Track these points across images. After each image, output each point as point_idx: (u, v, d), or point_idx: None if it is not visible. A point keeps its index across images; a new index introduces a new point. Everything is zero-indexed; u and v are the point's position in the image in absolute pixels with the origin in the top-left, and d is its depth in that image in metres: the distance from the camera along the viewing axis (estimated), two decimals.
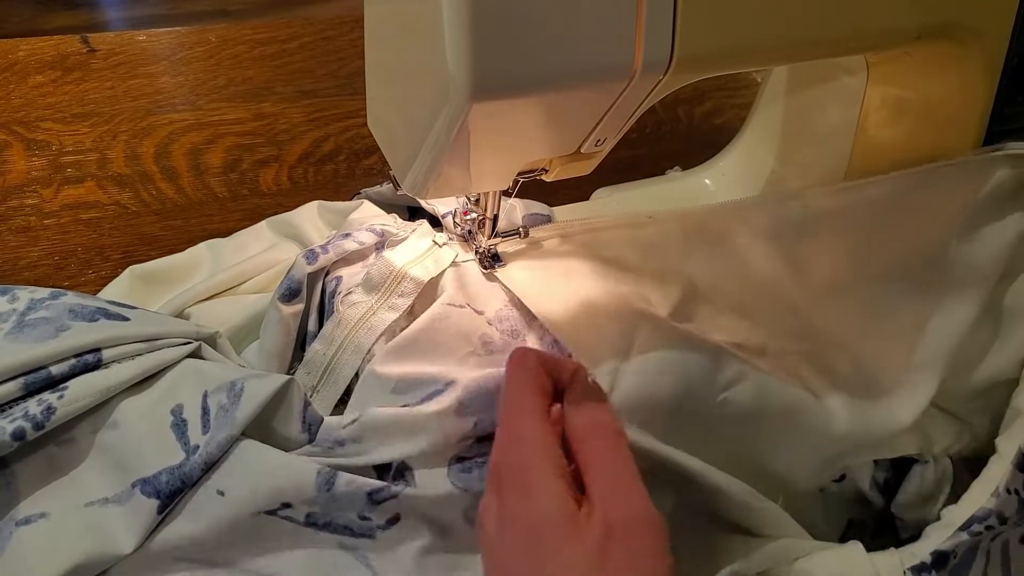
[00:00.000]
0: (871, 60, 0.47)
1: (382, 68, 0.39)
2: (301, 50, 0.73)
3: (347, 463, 0.37)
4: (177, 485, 0.36)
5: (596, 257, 0.46)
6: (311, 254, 0.45)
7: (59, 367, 0.36)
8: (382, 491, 0.36)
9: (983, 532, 0.39)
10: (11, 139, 0.60)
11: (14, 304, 0.40)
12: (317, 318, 0.46)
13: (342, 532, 0.37)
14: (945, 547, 0.39)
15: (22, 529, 0.35)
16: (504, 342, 0.43)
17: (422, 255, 0.46)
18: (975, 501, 0.41)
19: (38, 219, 0.56)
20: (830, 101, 0.51)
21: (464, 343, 0.42)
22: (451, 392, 0.39)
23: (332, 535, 0.37)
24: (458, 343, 0.42)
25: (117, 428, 0.37)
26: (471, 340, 0.42)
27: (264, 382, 0.38)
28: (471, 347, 0.42)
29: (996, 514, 0.40)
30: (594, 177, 0.43)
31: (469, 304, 0.44)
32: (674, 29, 0.33)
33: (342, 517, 0.36)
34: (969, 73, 0.45)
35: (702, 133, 0.73)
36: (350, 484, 0.35)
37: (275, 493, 0.36)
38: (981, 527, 0.40)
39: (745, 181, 0.58)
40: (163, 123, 0.64)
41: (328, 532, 0.37)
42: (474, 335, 0.42)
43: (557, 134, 0.38)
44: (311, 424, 0.39)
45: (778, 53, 0.40)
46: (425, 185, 0.38)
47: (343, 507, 0.36)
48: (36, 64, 0.66)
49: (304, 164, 0.64)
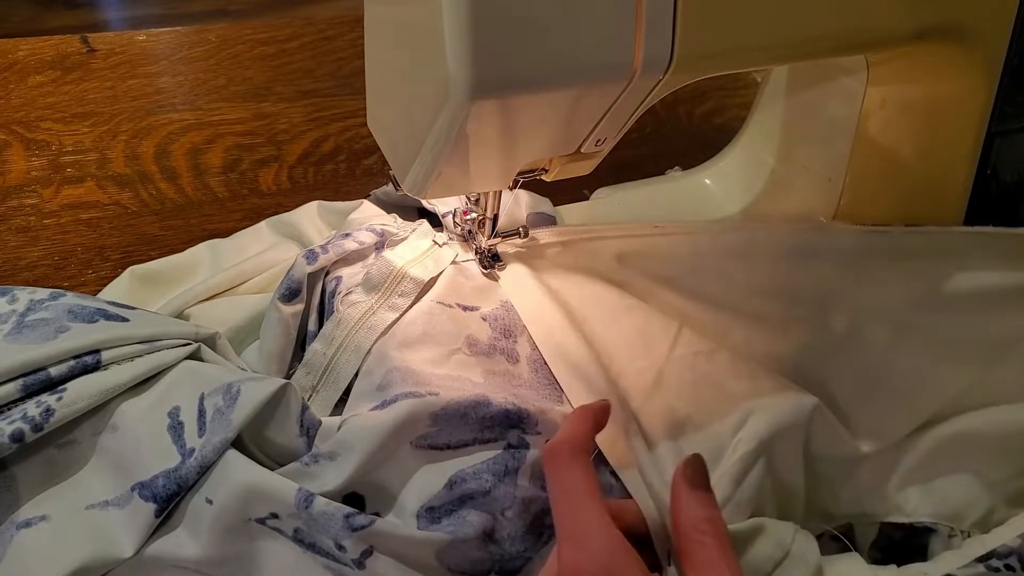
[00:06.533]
0: (871, 60, 0.47)
1: (382, 68, 0.39)
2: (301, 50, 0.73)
3: (319, 490, 0.36)
4: (173, 488, 0.36)
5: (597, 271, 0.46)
6: (311, 254, 0.45)
7: (58, 368, 0.36)
8: (358, 516, 0.35)
9: (1001, 570, 0.38)
10: (11, 139, 0.60)
11: (13, 305, 0.40)
12: (317, 318, 0.46)
13: (326, 556, 0.36)
14: (959, 575, 0.38)
15: (23, 532, 0.35)
16: (490, 344, 0.43)
17: (422, 255, 0.46)
18: (1001, 537, 0.40)
19: (38, 219, 0.56)
20: (830, 101, 0.51)
21: (451, 341, 0.42)
22: (429, 400, 0.38)
23: (320, 558, 0.36)
24: (445, 340, 0.42)
25: (117, 430, 0.37)
26: (457, 339, 0.42)
27: (261, 385, 0.37)
28: (457, 345, 0.42)
29: (1017, 555, 0.38)
30: (594, 177, 0.43)
31: (459, 303, 0.44)
32: (674, 29, 0.33)
33: (323, 542, 0.36)
34: (969, 73, 0.45)
35: (702, 133, 0.73)
36: (328, 505, 0.35)
37: (261, 502, 0.36)
38: (1000, 564, 0.38)
39: (745, 181, 0.58)
40: (163, 123, 0.64)
41: (314, 553, 0.36)
42: (460, 335, 0.42)
43: (557, 134, 0.38)
44: (309, 428, 0.39)
45: (778, 53, 0.40)
46: (425, 185, 0.38)
47: (321, 528, 0.35)
48: (36, 64, 0.66)
49: (304, 164, 0.64)
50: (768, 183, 0.57)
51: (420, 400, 0.37)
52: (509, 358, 0.42)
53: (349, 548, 0.35)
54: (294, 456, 0.38)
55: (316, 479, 0.37)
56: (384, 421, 0.37)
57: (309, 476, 0.37)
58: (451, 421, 0.38)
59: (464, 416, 0.38)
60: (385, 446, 0.37)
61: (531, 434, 0.39)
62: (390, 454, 0.37)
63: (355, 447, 0.37)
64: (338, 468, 0.36)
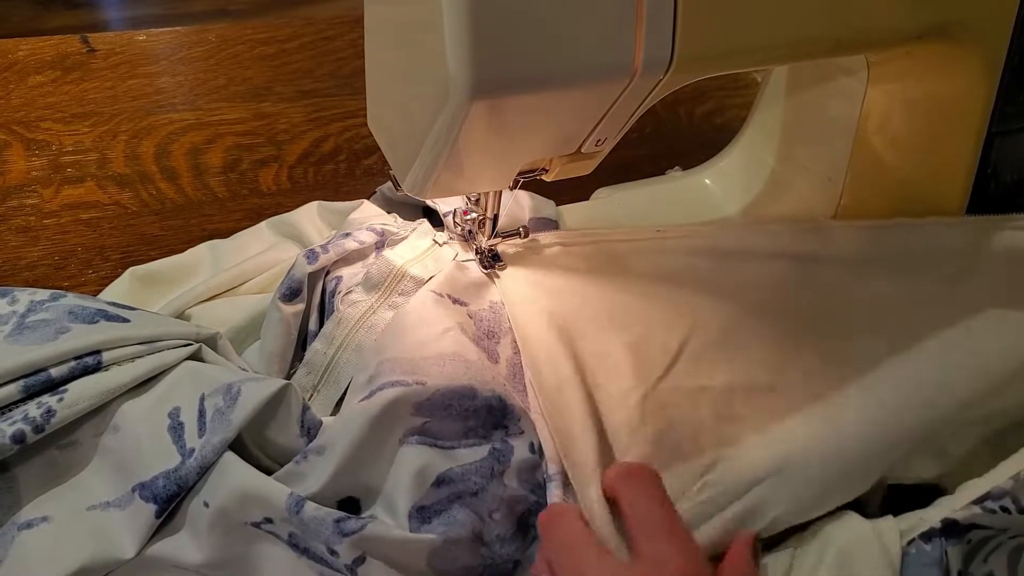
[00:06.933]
0: (871, 60, 0.47)
1: (382, 68, 0.39)
2: (301, 50, 0.73)
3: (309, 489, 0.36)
4: (173, 489, 0.36)
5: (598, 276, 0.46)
6: (311, 254, 0.45)
7: (59, 369, 0.36)
8: (349, 521, 0.35)
9: (997, 511, 0.38)
10: (11, 139, 0.60)
11: (14, 306, 0.40)
12: (318, 318, 0.46)
13: (321, 562, 0.36)
14: (956, 516, 0.38)
15: (24, 533, 0.35)
16: (476, 337, 0.43)
17: (422, 254, 0.46)
18: (994, 479, 0.39)
19: (38, 219, 0.56)
20: (830, 101, 0.51)
21: (445, 320, 0.42)
22: (415, 390, 0.38)
23: (314, 563, 0.36)
24: (439, 320, 0.42)
25: (118, 431, 0.37)
26: (450, 320, 0.42)
27: (261, 385, 0.37)
28: (450, 324, 0.42)
29: (1012, 497, 0.38)
30: (594, 177, 0.43)
31: (450, 295, 0.44)
32: (674, 29, 0.33)
33: (316, 547, 0.36)
34: (970, 73, 0.45)
35: (702, 133, 0.73)
36: (318, 510, 0.35)
37: (255, 506, 0.36)
38: (996, 505, 0.38)
39: (745, 181, 0.58)
40: (163, 123, 0.64)
41: (308, 559, 0.36)
42: (453, 318, 0.42)
43: (557, 134, 0.37)
44: (310, 428, 0.39)
45: (778, 53, 0.40)
46: (425, 185, 0.38)
47: (313, 534, 0.35)
48: (36, 64, 0.66)
49: (304, 164, 0.63)
50: (768, 183, 0.57)
51: (405, 389, 0.37)
52: (490, 357, 0.43)
53: (342, 554, 0.35)
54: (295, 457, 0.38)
55: (306, 477, 0.37)
56: (367, 410, 0.37)
57: (300, 475, 0.37)
58: (434, 412, 0.38)
59: (448, 407, 0.38)
60: (369, 436, 0.37)
61: (514, 435, 0.39)
62: (378, 447, 0.37)
63: (339, 439, 0.37)
64: (324, 462, 0.36)
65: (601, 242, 0.47)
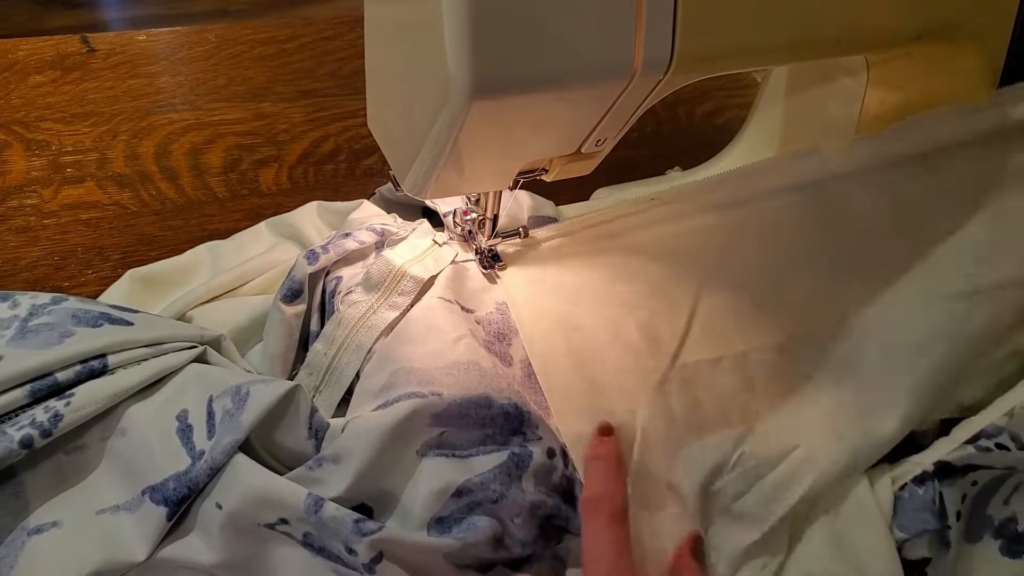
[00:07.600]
0: (871, 60, 0.47)
1: (382, 68, 0.39)
2: (301, 50, 0.73)
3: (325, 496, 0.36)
4: (184, 491, 0.36)
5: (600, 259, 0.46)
6: (312, 254, 0.45)
7: (65, 374, 0.36)
8: (368, 522, 0.35)
9: (992, 449, 0.37)
10: (11, 139, 0.60)
11: (15, 310, 0.40)
12: (319, 318, 0.46)
13: (336, 561, 0.36)
14: (950, 458, 0.37)
15: (35, 538, 0.35)
16: (485, 347, 0.42)
17: (422, 254, 0.46)
18: (987, 417, 0.39)
19: (38, 219, 0.56)
20: (830, 101, 0.51)
21: (457, 328, 0.42)
22: (431, 401, 0.38)
23: (329, 562, 0.36)
24: (452, 328, 0.42)
25: (125, 435, 0.37)
26: (462, 327, 0.42)
27: (270, 387, 0.37)
28: (463, 332, 0.42)
29: (1009, 432, 0.37)
30: (594, 177, 0.43)
31: (457, 300, 0.44)
32: (674, 29, 0.33)
33: (333, 546, 0.36)
34: (969, 73, 0.45)
35: (702, 133, 0.73)
36: (338, 510, 0.35)
37: (270, 508, 0.36)
38: (991, 443, 0.37)
39: None
40: (163, 123, 0.64)
41: (324, 558, 0.36)
42: (465, 325, 0.42)
43: (557, 134, 0.37)
44: (318, 430, 0.39)
45: (778, 53, 0.40)
46: (425, 185, 0.38)
47: (331, 533, 0.35)
48: (36, 64, 0.66)
49: (304, 164, 0.63)
50: None
51: (422, 400, 0.37)
52: (503, 360, 0.43)
53: (360, 553, 0.35)
54: (303, 460, 0.38)
55: (321, 483, 0.37)
56: (385, 421, 0.37)
57: (314, 481, 0.37)
58: (452, 421, 0.38)
59: (465, 416, 0.38)
60: (387, 447, 0.37)
61: (532, 440, 0.39)
62: (395, 457, 0.37)
63: (357, 449, 0.37)
64: (342, 471, 0.36)
65: (597, 225, 0.47)
